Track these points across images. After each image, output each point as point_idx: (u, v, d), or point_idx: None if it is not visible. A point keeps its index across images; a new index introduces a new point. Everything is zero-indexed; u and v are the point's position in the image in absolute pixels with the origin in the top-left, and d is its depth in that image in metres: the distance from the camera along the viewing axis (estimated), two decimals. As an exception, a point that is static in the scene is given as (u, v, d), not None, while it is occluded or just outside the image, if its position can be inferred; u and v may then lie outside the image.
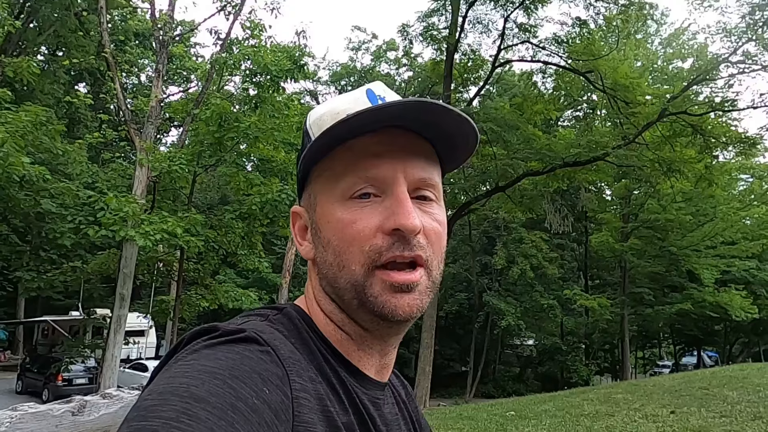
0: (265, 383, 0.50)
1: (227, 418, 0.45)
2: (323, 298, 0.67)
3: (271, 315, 0.64)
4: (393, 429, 0.66)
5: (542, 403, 10.18)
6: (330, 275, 0.63)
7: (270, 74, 11.41)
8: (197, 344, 0.54)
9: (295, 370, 0.55)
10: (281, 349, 0.56)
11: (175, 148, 13.92)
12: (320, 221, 0.64)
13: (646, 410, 8.28)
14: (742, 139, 15.25)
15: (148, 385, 0.51)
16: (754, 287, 27.38)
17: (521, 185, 16.50)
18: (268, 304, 0.62)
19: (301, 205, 0.70)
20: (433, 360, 15.57)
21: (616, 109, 15.06)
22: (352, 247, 0.60)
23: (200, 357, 0.51)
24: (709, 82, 15.65)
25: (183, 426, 0.43)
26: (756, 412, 7.89)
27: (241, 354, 0.52)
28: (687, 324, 29.73)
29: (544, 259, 24.29)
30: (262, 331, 0.57)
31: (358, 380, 0.63)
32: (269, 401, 0.49)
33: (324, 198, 0.64)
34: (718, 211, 25.56)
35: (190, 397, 0.45)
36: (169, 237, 10.36)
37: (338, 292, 0.63)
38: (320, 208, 0.65)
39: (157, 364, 0.57)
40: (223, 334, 0.55)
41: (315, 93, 27.71)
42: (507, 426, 7.94)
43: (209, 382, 0.47)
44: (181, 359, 0.52)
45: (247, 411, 0.46)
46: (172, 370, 0.50)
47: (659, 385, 11.50)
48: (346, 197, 0.61)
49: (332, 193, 0.62)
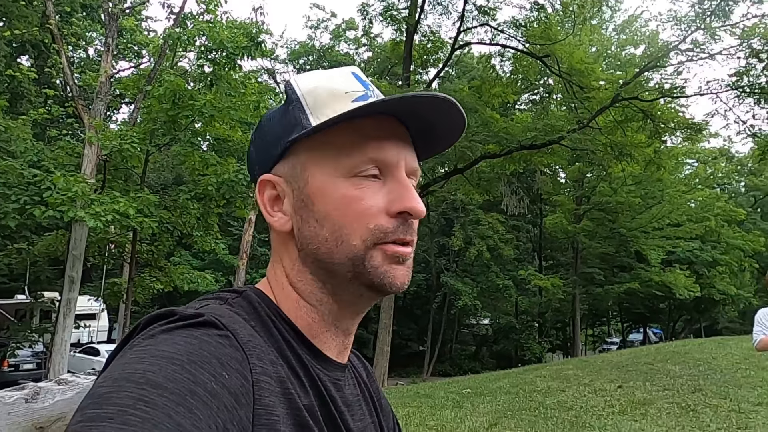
0: (224, 368, 0.49)
1: (185, 403, 0.44)
2: (301, 276, 0.64)
3: (230, 298, 0.62)
4: (354, 409, 0.66)
5: (497, 380, 10.46)
6: (322, 250, 0.62)
7: (226, 51, 11.11)
8: (154, 329, 0.52)
9: (255, 354, 0.54)
10: (240, 332, 0.55)
11: (126, 125, 13.45)
12: (315, 194, 0.62)
13: (595, 385, 8.62)
14: (689, 124, 15.82)
15: (102, 372, 0.50)
16: (696, 267, 28.72)
17: (479, 168, 16.70)
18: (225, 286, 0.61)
19: (274, 173, 0.65)
20: (391, 340, 15.75)
21: (572, 93, 15.37)
22: (356, 223, 0.60)
23: (157, 342, 0.50)
24: (660, 69, 16.13)
25: (139, 413, 0.42)
26: (696, 385, 8.33)
27: (199, 338, 0.50)
28: (634, 302, 30.99)
29: (500, 241, 24.75)
30: (221, 315, 0.55)
31: (320, 362, 0.63)
32: (229, 386, 0.48)
33: (321, 171, 0.62)
34: (665, 194, 26.57)
35: (147, 383, 0.44)
36: (120, 218, 10.05)
37: (329, 267, 0.62)
38: (315, 181, 0.62)
39: (112, 350, 0.55)
40: (180, 319, 0.53)
41: (273, 71, 27.17)
42: (463, 403, 8.13)
43: (166, 367, 0.46)
44: (137, 345, 0.50)
45: (206, 396, 0.45)
46: (128, 356, 0.49)
47: (607, 361, 11.98)
48: (350, 174, 0.61)
49: (334, 167, 0.62)
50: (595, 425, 6.17)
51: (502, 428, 6.15)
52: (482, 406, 7.71)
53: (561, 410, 7.10)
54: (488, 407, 7.64)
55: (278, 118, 0.66)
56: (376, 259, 0.61)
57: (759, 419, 6.41)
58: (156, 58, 13.16)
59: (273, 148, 0.65)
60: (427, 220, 26.17)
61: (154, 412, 0.42)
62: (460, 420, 6.66)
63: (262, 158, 0.66)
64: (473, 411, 7.40)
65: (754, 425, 6.09)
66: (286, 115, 0.65)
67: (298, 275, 0.64)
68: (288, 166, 0.64)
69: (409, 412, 7.41)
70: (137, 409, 0.42)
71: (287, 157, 0.64)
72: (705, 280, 28.66)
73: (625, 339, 36.19)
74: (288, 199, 0.64)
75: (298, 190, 0.63)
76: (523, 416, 6.86)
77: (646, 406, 7.05)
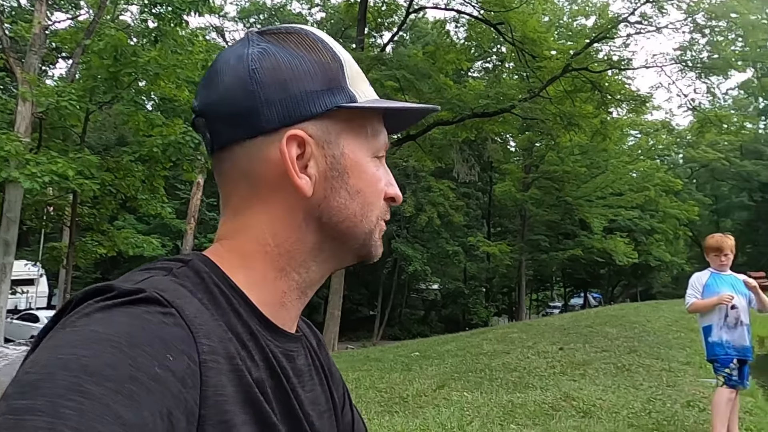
0: (168, 349, 0.45)
1: (125, 391, 0.40)
2: (298, 244, 0.61)
3: (174, 268, 0.56)
4: (305, 380, 0.64)
5: (445, 344, 10.75)
6: (347, 223, 0.62)
7: (172, 5, 10.57)
8: (89, 306, 0.47)
9: (202, 331, 0.50)
10: (186, 308, 0.50)
11: (64, 81, 12.74)
12: (351, 167, 0.62)
13: (538, 347, 8.98)
14: (634, 97, 16.30)
15: (29, 356, 0.45)
16: (635, 235, 30.06)
17: (431, 134, 16.74)
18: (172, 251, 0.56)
19: (303, 130, 0.59)
20: (342, 305, 15.87)
21: (524, 62, 15.50)
22: (377, 202, 0.64)
23: (92, 322, 0.45)
24: (609, 41, 16.44)
25: (73, 404, 0.38)
26: (631, 347, 8.80)
27: (140, 317, 0.46)
28: (576, 268, 32.27)
29: (451, 207, 25.08)
30: (164, 289, 0.51)
31: (272, 334, 0.59)
32: (174, 369, 0.44)
33: (355, 147, 0.62)
34: (609, 164, 27.49)
35: (81, 370, 0.40)
36: (59, 179, 9.59)
37: (345, 239, 0.63)
38: (352, 155, 0.62)
39: (40, 330, 0.49)
40: (118, 295, 0.48)
41: (221, 29, 26.18)
42: (412, 366, 8.33)
43: (103, 351, 0.42)
44: (70, 325, 0.45)
45: (148, 382, 0.42)
46: (59, 338, 0.44)
47: (550, 324, 12.48)
48: (372, 155, 0.64)
49: (364, 146, 0.63)
50: (537, 385, 6.44)
51: (449, 390, 6.34)
52: (430, 369, 7.91)
53: (505, 371, 7.37)
54: (436, 370, 7.85)
55: (308, 67, 0.59)
56: (376, 234, 0.65)
57: (686, 377, 6.85)
58: (95, 10, 12.41)
59: (306, 101, 0.59)
60: (379, 186, 26.17)
61: (91, 403, 0.38)
62: (408, 382, 6.81)
63: (285, 107, 0.58)
64: (421, 374, 7.58)
65: (681, 383, 6.50)
66: (322, 69, 0.60)
67: (296, 244, 0.61)
68: (321, 128, 0.60)
69: (359, 376, 7.53)
70: (71, 399, 0.38)
71: (321, 118, 0.60)
72: (643, 247, 30.07)
73: (567, 303, 37.76)
74: (316, 163, 0.60)
75: (332, 158, 0.60)
76: (469, 378, 7.09)
77: (584, 367, 7.41)
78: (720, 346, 4.33)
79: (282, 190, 0.60)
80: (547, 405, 5.37)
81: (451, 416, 5.03)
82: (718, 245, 4.47)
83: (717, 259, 4.48)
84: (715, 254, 4.49)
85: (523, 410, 5.22)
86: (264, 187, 0.60)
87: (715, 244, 4.50)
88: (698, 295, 4.47)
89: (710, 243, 4.57)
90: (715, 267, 4.51)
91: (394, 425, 4.71)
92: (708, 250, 4.57)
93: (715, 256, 4.49)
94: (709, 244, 4.57)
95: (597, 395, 5.71)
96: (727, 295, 4.28)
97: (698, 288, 4.49)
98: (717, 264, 4.50)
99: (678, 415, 5.11)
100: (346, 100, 0.60)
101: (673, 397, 5.73)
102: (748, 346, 4.37)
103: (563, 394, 5.72)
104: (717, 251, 4.47)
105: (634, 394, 5.89)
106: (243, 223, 0.61)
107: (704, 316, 4.48)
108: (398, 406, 5.68)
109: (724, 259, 4.46)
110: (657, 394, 5.86)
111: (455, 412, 5.19)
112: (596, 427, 4.69)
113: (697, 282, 4.53)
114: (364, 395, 6.31)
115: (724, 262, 4.47)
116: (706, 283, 4.47)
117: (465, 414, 5.13)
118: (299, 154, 0.59)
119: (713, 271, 4.52)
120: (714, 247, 4.50)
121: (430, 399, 5.94)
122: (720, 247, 4.46)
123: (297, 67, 0.59)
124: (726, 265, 4.49)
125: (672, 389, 6.13)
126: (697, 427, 4.75)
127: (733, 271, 4.56)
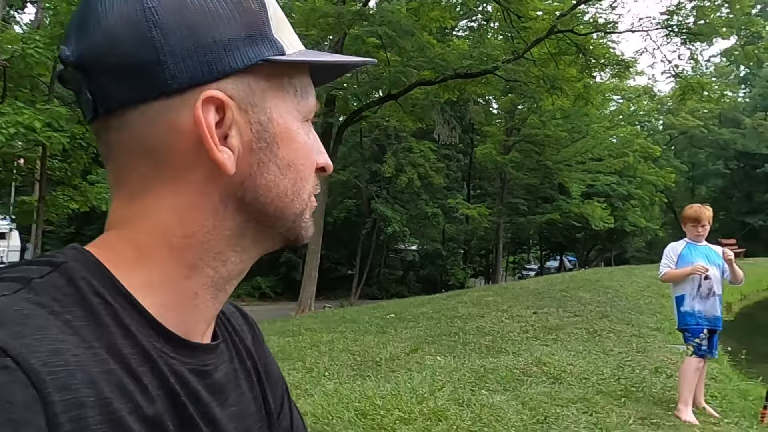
0: (5, 425, 0.33)
1: None
2: (215, 233, 0.48)
3: (35, 277, 0.42)
4: (227, 393, 0.52)
5: (420, 306, 10.79)
6: (276, 203, 0.50)
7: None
8: None
9: (58, 382, 0.37)
10: (33, 354, 0.37)
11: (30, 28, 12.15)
12: (281, 135, 0.49)
13: (512, 311, 9.05)
14: (618, 61, 16.14)
15: None
16: (612, 200, 30.42)
17: (413, 94, 16.45)
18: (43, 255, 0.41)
19: (221, 90, 0.46)
20: (320, 264, 15.83)
21: (509, 22, 15.17)
22: (311, 177, 0.53)
23: None
24: (595, 3, 16.15)
25: None
26: (604, 312, 8.93)
27: None
28: (553, 232, 32.67)
29: (431, 169, 24.96)
30: (3, 323, 0.37)
31: (176, 349, 0.47)
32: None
33: (285, 108, 0.50)
34: (590, 129, 27.51)
35: None
36: (26, 131, 9.23)
37: (271, 222, 0.50)
38: (281, 120, 0.49)
39: None
40: None
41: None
42: (386, 328, 8.34)
43: None
44: None
45: None
46: None
47: (525, 288, 12.60)
48: (303, 119, 0.52)
49: (293, 109, 0.51)
50: (509, 350, 6.49)
51: (423, 353, 6.36)
52: (405, 332, 7.93)
53: (479, 335, 7.42)
54: (410, 332, 7.88)
55: (222, 8, 0.45)
56: (308, 214, 0.54)
57: (656, 343, 6.97)
58: (61, -49, 11.74)
59: (223, 53, 0.45)
60: (360, 146, 25.89)
61: None
62: (382, 345, 6.82)
63: (196, 59, 0.44)
64: (396, 336, 7.60)
65: (651, 348, 6.62)
66: (240, 11, 0.46)
67: (211, 232, 0.48)
68: (243, 87, 0.47)
69: (333, 338, 7.52)
70: None
71: (242, 74, 0.47)
72: (619, 212, 30.48)
73: (543, 266, 38.34)
74: (239, 132, 0.47)
75: (258, 125, 0.48)
76: (443, 341, 7.12)
77: (557, 332, 7.49)
78: (692, 315, 4.36)
79: (195, 166, 0.46)
80: (519, 370, 5.42)
81: (423, 381, 5.04)
82: (697, 216, 4.45)
83: (694, 230, 4.47)
84: (693, 225, 4.47)
85: (495, 375, 5.25)
86: (170, 163, 0.46)
87: (694, 214, 4.48)
88: (672, 265, 4.47)
89: (688, 213, 4.54)
90: (692, 237, 4.50)
91: (366, 390, 4.70)
92: (685, 220, 4.55)
93: (692, 227, 4.48)
94: (687, 215, 4.54)
95: (568, 361, 5.78)
96: (701, 266, 4.29)
97: (672, 258, 4.49)
98: (693, 234, 4.48)
99: (646, 381, 5.19)
100: (273, 53, 0.47)
101: (642, 363, 5.82)
102: (719, 316, 4.41)
103: (535, 360, 5.77)
104: (695, 222, 4.46)
105: (604, 359, 5.96)
106: (141, 209, 0.48)
107: (677, 286, 4.49)
108: (371, 370, 5.68)
109: (701, 230, 4.45)
110: (626, 360, 5.94)
111: (427, 376, 5.21)
112: (566, 394, 4.73)
113: (671, 252, 4.53)
114: (337, 357, 6.30)
115: (701, 233, 4.46)
116: (681, 253, 4.47)
117: (437, 379, 5.14)
118: (218, 121, 0.46)
119: (689, 241, 4.51)
120: (692, 217, 4.48)
121: (403, 363, 5.95)
122: (698, 218, 4.44)
123: (208, 8, 0.45)
124: (702, 236, 4.48)
125: (641, 355, 6.22)
126: (664, 394, 4.83)
127: (706, 239, 4.56)
